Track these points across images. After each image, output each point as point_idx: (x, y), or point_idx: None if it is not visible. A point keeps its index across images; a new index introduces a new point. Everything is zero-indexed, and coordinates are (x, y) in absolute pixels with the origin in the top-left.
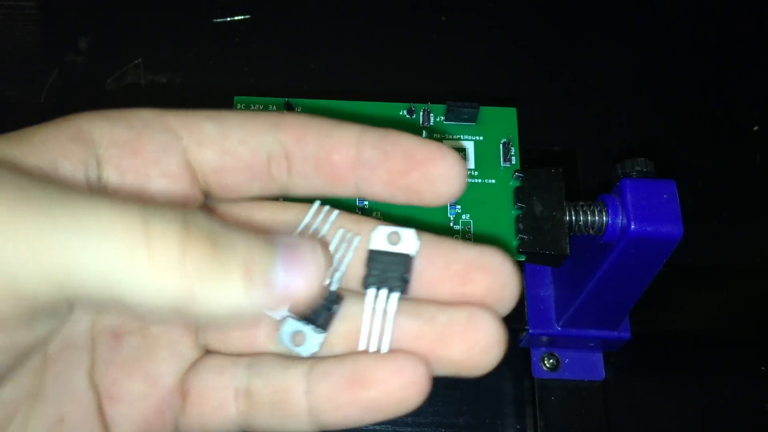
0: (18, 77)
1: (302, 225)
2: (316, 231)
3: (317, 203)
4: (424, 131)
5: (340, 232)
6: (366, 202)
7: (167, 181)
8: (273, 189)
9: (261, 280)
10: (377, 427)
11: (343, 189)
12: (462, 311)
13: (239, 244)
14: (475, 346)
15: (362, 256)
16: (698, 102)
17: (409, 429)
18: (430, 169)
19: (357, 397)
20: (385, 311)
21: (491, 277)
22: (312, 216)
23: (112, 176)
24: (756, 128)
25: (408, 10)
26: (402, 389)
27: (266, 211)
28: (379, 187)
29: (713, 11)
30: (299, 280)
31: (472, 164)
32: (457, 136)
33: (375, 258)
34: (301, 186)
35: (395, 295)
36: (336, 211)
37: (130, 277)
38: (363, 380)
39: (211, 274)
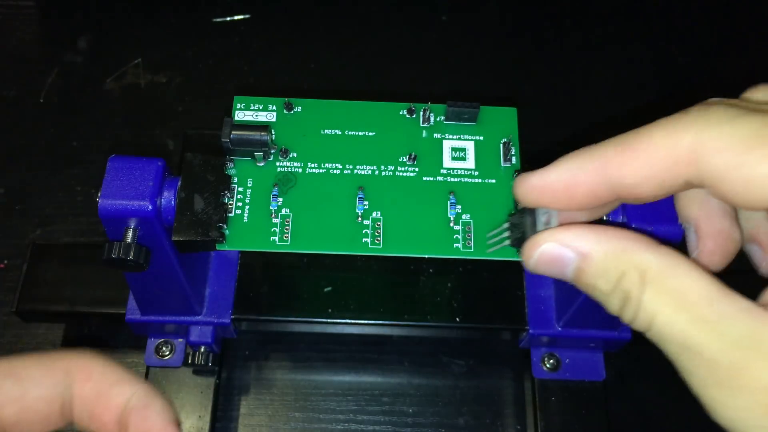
0: (18, 77)
1: None
2: None
3: None
4: (424, 131)
5: None
6: (366, 203)
7: None
8: (57, 426)
9: None
10: (377, 428)
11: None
12: None
13: None
14: None
15: None
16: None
17: (409, 429)
18: None
19: None
20: None
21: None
22: None
23: None
24: None
25: (408, 10)
26: None
27: None
28: None
29: (714, 10)
30: None
31: (472, 164)
32: (457, 136)
33: None
34: (78, 420)
35: None
36: None
37: None
38: None
39: None
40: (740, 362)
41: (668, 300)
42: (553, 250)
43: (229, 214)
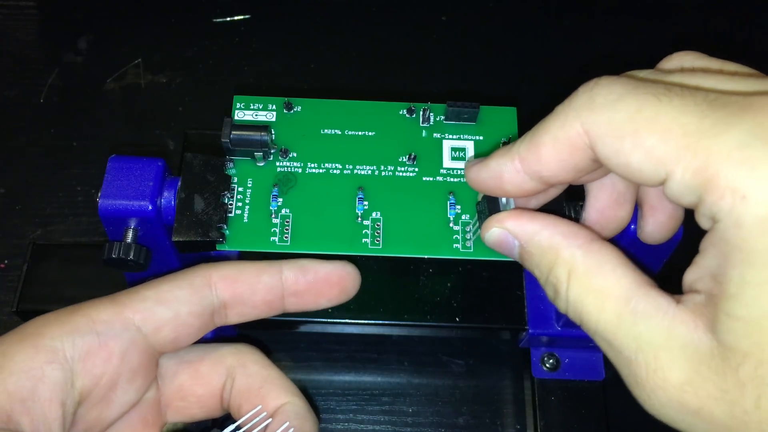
0: (18, 77)
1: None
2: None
3: (258, 407)
4: (424, 131)
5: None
6: (366, 203)
7: (133, 378)
8: (211, 329)
9: None
10: (377, 428)
11: (273, 313)
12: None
13: None
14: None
15: None
16: None
17: (409, 429)
18: (342, 289)
19: None
20: None
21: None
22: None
23: (87, 384)
24: None
25: (408, 10)
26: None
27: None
28: (302, 305)
29: (716, 11)
30: None
31: None
32: (457, 136)
33: None
34: (237, 319)
35: None
36: (269, 419)
37: None
38: None
39: None
40: (653, 363)
41: (591, 299)
42: (500, 235)
43: (229, 215)
